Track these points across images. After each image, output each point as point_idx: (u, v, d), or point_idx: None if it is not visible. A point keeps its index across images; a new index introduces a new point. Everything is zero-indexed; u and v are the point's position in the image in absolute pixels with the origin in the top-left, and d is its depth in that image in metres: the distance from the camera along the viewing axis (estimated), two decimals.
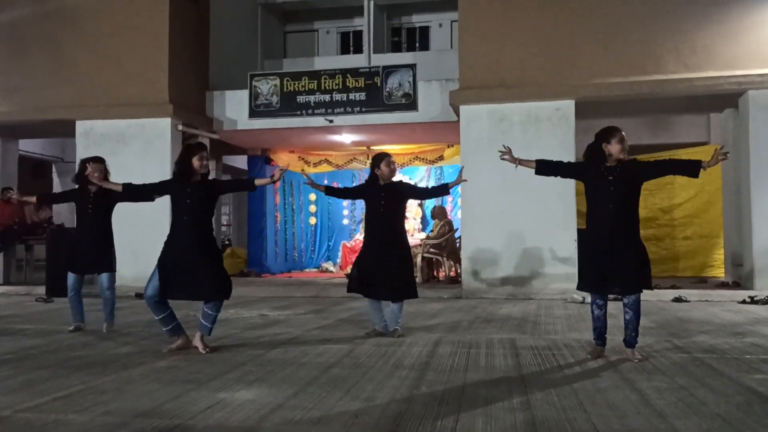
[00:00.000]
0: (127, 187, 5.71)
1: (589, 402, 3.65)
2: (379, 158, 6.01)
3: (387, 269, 5.81)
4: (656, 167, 4.93)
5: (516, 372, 4.48)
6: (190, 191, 5.16)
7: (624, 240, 4.80)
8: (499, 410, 3.54)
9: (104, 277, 6.41)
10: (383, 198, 5.90)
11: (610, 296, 5.07)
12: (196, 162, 5.15)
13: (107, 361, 4.91)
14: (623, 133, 4.85)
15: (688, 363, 4.69)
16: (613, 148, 4.82)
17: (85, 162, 6.41)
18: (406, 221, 6.55)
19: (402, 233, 6.07)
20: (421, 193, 7.24)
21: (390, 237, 5.89)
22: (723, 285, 10.15)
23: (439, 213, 12.44)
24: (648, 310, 7.77)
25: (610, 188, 4.80)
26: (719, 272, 11.57)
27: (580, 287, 5.01)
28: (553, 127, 9.89)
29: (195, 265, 5.06)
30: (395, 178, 6.10)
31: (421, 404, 3.66)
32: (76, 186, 6.46)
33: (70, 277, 6.38)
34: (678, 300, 8.92)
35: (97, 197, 6.35)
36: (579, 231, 9.59)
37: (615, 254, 4.77)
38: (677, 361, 4.77)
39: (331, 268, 15.23)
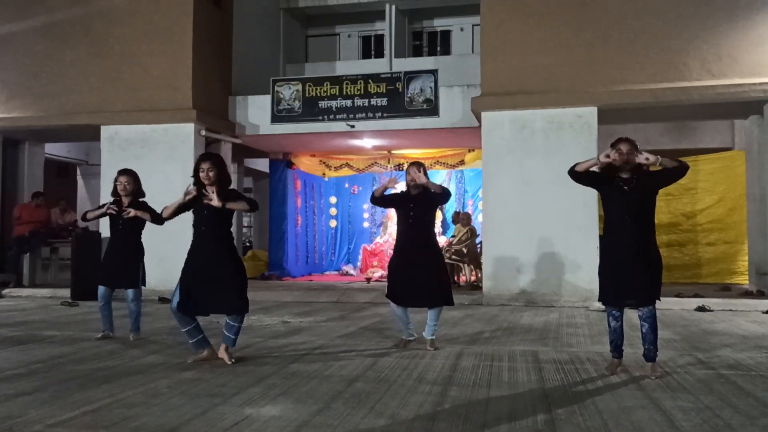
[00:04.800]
0: (155, 217, 6.25)
1: (613, 423, 3.64)
2: (407, 169, 6.02)
3: (421, 276, 5.79)
4: (661, 174, 4.82)
5: (539, 388, 4.48)
6: (207, 203, 5.16)
7: (640, 251, 4.78)
8: (524, 429, 3.55)
9: (129, 291, 6.50)
10: (412, 208, 5.90)
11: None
12: (200, 174, 5.17)
13: (133, 371, 4.98)
14: (624, 144, 4.77)
15: (713, 380, 4.66)
16: (613, 156, 4.81)
17: (117, 174, 6.50)
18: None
19: (433, 241, 6.06)
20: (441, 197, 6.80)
21: (421, 245, 5.88)
22: (747, 294, 10.04)
23: (464, 219, 12.44)
24: (671, 320, 7.75)
25: (624, 199, 4.79)
26: (743, 279, 11.46)
27: (600, 299, 4.99)
28: (575, 133, 9.85)
29: (216, 277, 5.10)
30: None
31: (445, 422, 3.67)
32: (112, 199, 6.54)
33: (100, 288, 6.49)
34: (701, 309, 8.84)
35: (131, 216, 6.40)
36: (601, 238, 9.54)
37: (631, 265, 4.76)
38: (702, 378, 4.74)
39: (352, 271, 15.30)
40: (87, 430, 3.53)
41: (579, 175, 4.98)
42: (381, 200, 6.27)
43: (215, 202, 5.03)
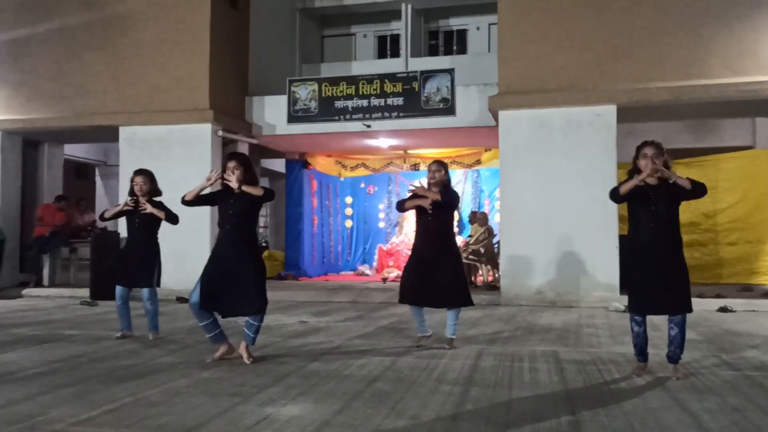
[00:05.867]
0: (170, 216, 6.42)
1: (639, 424, 3.58)
2: (429, 166, 6.02)
3: (439, 276, 5.76)
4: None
5: (561, 389, 4.42)
6: (232, 201, 5.22)
7: (667, 259, 4.70)
8: (547, 431, 3.50)
9: (144, 291, 6.51)
10: (431, 206, 5.86)
11: None
12: (226, 174, 5.22)
13: (154, 370, 4.99)
14: (649, 148, 4.70)
15: (740, 381, 4.58)
16: (640, 164, 4.74)
17: (133, 174, 6.54)
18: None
19: (451, 240, 6.04)
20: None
21: (439, 245, 5.85)
22: None
23: (481, 218, 12.37)
24: (694, 321, 7.63)
25: (651, 207, 4.72)
26: (765, 279, 11.29)
27: (630, 309, 4.91)
28: (594, 132, 9.75)
29: (237, 277, 5.11)
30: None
31: (467, 423, 3.64)
32: (129, 198, 6.56)
33: (117, 288, 6.51)
34: (723, 310, 8.73)
35: (147, 212, 6.43)
36: (621, 237, 9.45)
37: (659, 274, 4.69)
38: (728, 379, 4.66)
39: (367, 272, 15.26)
40: (108, 428, 3.52)
41: (622, 197, 4.87)
42: (400, 204, 6.22)
43: (233, 183, 5.12)
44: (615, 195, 4.89)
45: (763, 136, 11.81)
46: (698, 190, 4.66)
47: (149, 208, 6.37)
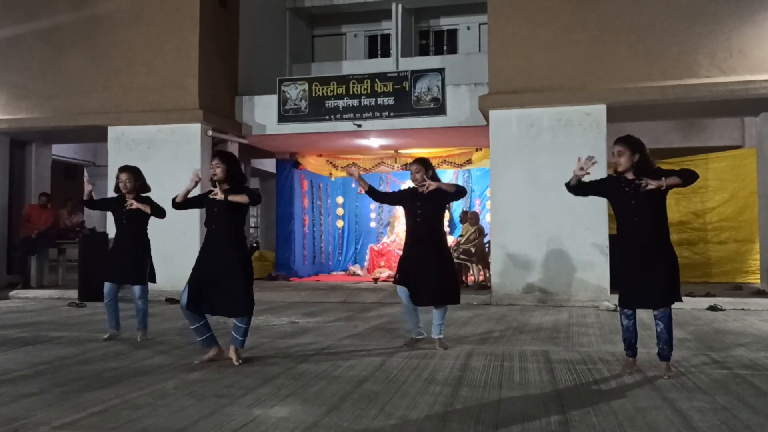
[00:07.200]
0: (156, 210, 6.32)
1: (629, 423, 3.57)
2: (410, 167, 5.97)
3: (428, 274, 5.72)
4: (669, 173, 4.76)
5: (551, 388, 4.41)
6: (217, 200, 5.16)
7: (651, 252, 4.70)
8: (537, 430, 3.48)
9: (136, 288, 6.45)
10: (419, 205, 5.84)
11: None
12: (210, 171, 5.21)
13: (140, 372, 4.94)
14: (616, 144, 4.82)
15: (729, 380, 4.57)
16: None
17: (118, 172, 6.49)
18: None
19: (441, 238, 5.99)
20: (451, 195, 6.61)
21: (429, 242, 5.81)
22: (759, 293, 9.92)
23: (472, 218, 12.36)
24: (683, 319, 7.66)
25: (631, 201, 4.72)
26: (754, 278, 11.32)
27: (619, 304, 4.92)
28: (584, 131, 9.76)
29: (223, 278, 5.07)
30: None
31: (456, 423, 3.61)
32: (116, 195, 6.53)
33: (105, 285, 6.45)
34: (713, 308, 8.75)
35: (133, 208, 6.38)
36: (611, 236, 9.45)
37: (643, 268, 4.69)
38: (717, 377, 4.66)
39: (359, 272, 15.22)
40: (93, 431, 3.48)
41: (576, 190, 5.04)
42: (384, 197, 6.21)
43: (219, 195, 5.09)
44: (568, 188, 5.08)
45: (752, 136, 11.85)
46: (689, 179, 4.63)
47: (135, 204, 6.31)
